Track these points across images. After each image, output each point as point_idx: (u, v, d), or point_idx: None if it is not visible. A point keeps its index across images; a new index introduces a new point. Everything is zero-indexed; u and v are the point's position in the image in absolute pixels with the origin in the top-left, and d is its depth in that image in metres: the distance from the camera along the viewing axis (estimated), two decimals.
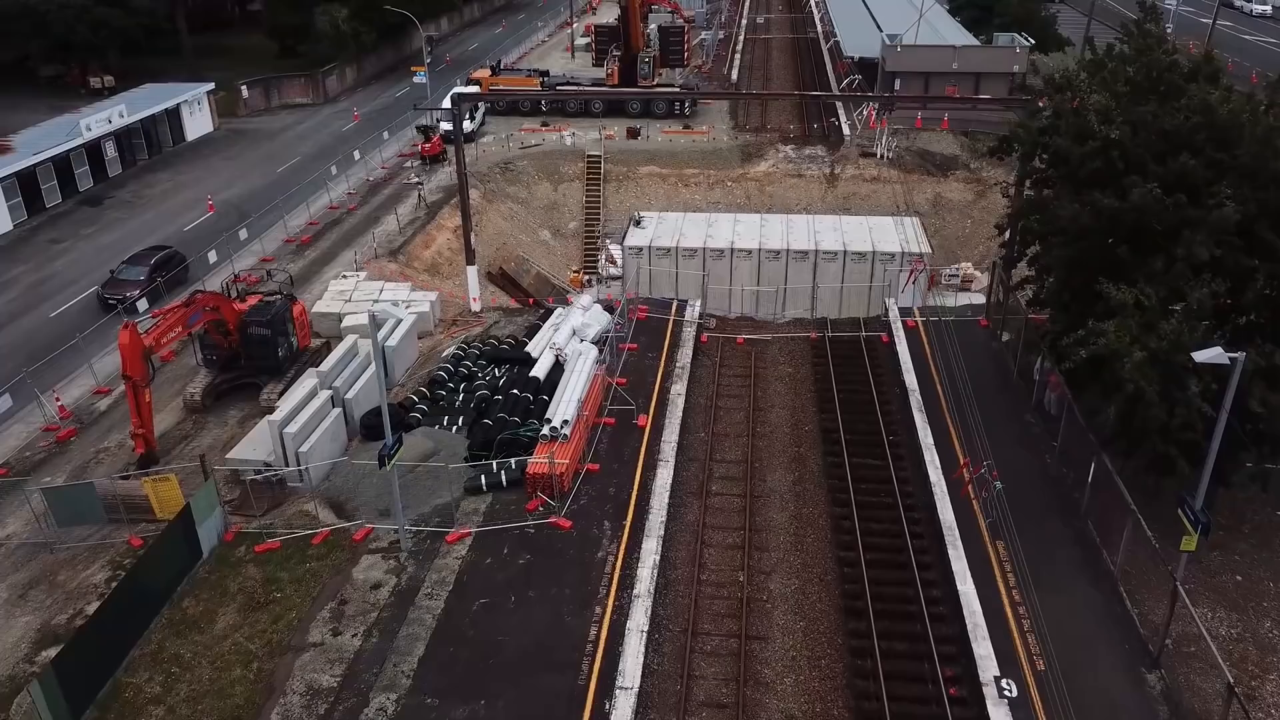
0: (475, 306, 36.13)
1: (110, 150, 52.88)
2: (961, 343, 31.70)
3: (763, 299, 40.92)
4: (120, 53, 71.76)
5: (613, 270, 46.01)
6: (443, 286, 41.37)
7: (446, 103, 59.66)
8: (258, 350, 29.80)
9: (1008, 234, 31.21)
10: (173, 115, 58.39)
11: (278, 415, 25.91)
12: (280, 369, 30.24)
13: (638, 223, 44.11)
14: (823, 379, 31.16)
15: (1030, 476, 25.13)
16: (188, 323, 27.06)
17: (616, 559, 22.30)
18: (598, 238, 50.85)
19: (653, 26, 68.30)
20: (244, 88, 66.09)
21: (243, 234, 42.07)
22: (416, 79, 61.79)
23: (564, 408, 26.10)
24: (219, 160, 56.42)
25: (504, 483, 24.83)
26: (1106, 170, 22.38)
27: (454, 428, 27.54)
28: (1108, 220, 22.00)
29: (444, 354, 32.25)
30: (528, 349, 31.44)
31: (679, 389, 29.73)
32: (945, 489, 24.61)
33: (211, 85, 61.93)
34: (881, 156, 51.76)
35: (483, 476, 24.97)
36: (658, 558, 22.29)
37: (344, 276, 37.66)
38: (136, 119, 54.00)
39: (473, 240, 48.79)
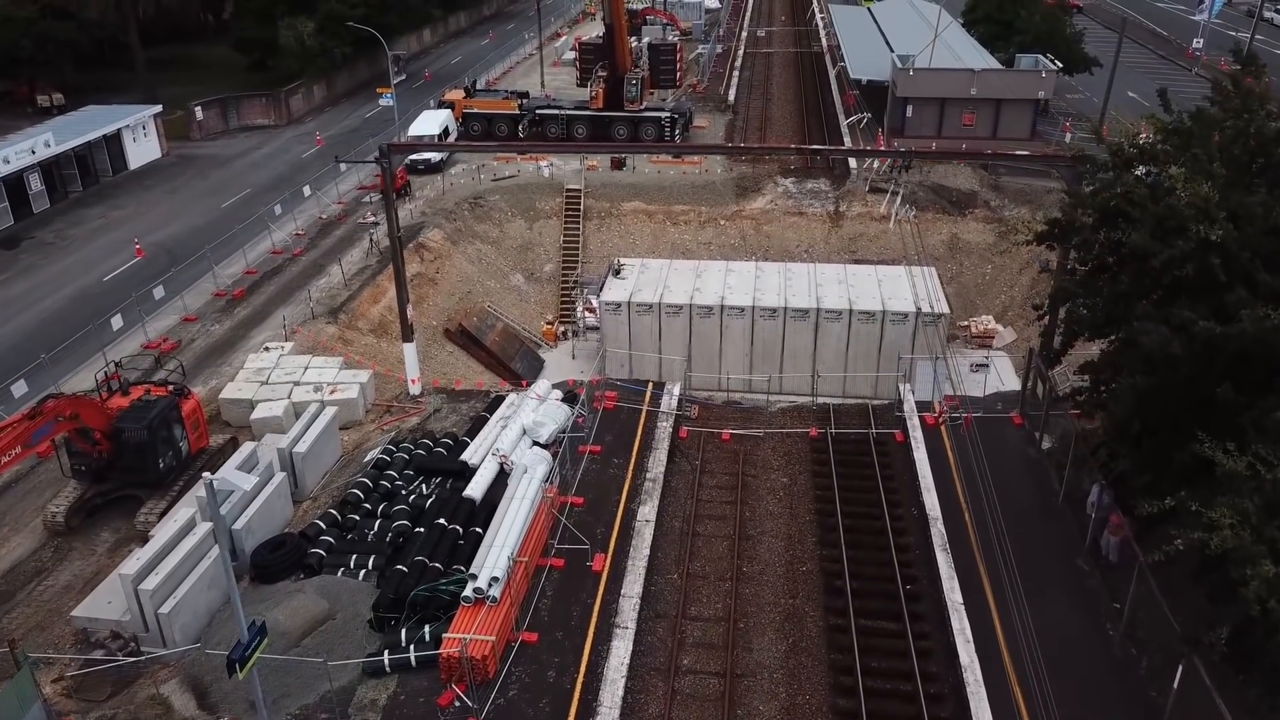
0: (414, 389, 30.71)
1: (35, 183, 47.63)
2: (991, 447, 26.19)
3: (755, 371, 35.63)
4: (75, 67, 66.77)
5: (590, 320, 40.69)
6: (388, 352, 35.98)
7: (424, 127, 55.40)
8: (133, 460, 24.38)
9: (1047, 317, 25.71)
10: (113, 141, 53.00)
11: (132, 566, 20.49)
12: (163, 481, 24.86)
13: (617, 272, 38.73)
14: (824, 496, 25.63)
15: (1088, 656, 19.62)
16: (31, 440, 21.66)
17: None
18: (575, 284, 45.48)
19: (644, 40, 62.99)
20: (198, 109, 60.73)
21: (158, 292, 36.65)
22: (383, 100, 56.50)
23: (495, 557, 20.63)
24: (160, 193, 51.07)
25: (413, 662, 19.39)
26: (1200, 278, 16.89)
27: (363, 571, 22.12)
28: (1203, 346, 16.51)
29: (367, 457, 26.81)
30: (466, 454, 25.95)
31: (648, 512, 24.24)
32: (979, 673, 19.14)
33: (159, 108, 56.60)
34: (893, 217, 45.87)
35: (386, 653, 19.55)
36: None
37: (266, 349, 32.24)
38: (66, 148, 48.72)
39: (431, 292, 43.84)
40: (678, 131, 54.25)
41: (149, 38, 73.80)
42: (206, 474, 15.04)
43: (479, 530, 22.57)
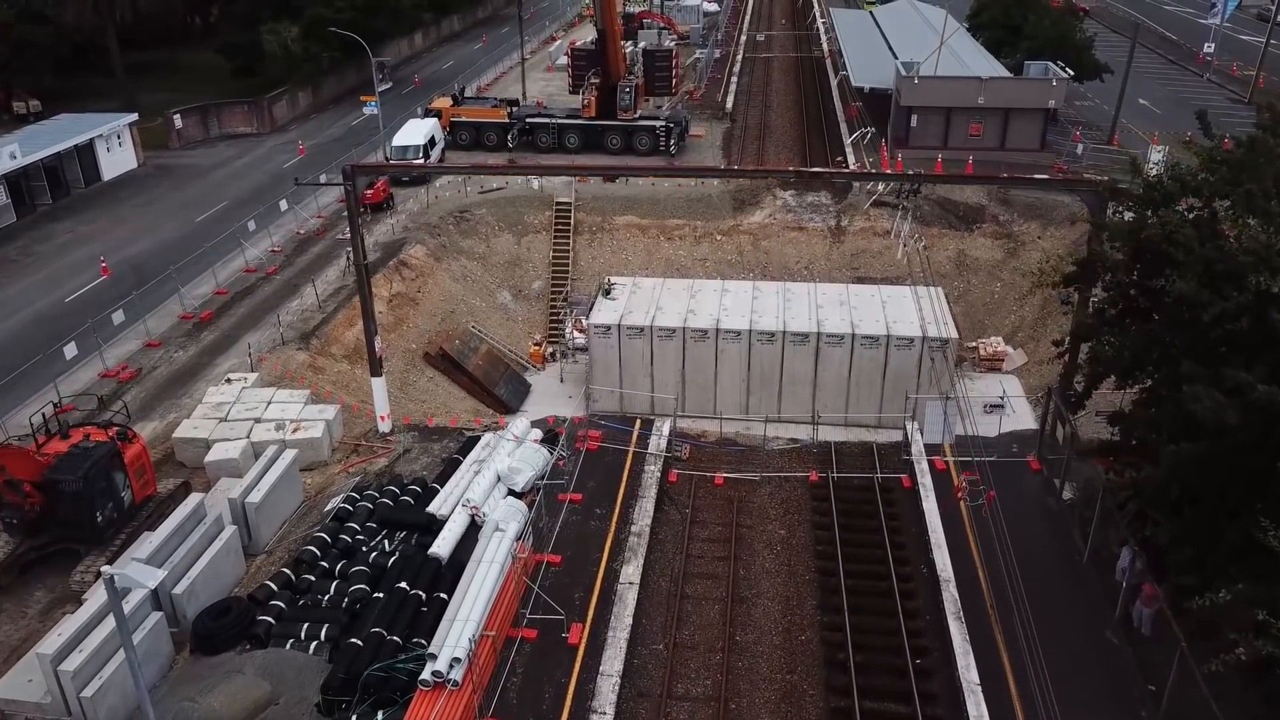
0: (384, 426, 28.60)
1: (1, 196, 45.50)
2: (1008, 496, 24.06)
3: (751, 407, 33.55)
4: (54, 73, 64.68)
5: (580, 340, 38.67)
6: (363, 380, 33.72)
7: (410, 136, 53.16)
8: (69, 513, 22.24)
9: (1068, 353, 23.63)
10: (85, 151, 50.85)
11: (52, 643, 18.37)
12: (102, 536, 22.72)
13: (607, 292, 36.64)
14: (825, 551, 23.46)
15: None
16: None
17: None
18: (564, 303, 43.37)
19: (639, 46, 60.81)
20: (177, 117, 58.61)
21: (118, 317, 34.49)
22: (367, 109, 54.45)
23: (457, 634, 18.49)
24: (133, 206, 48.93)
25: None
26: (1255, 333, 14.75)
27: (314, 642, 19.98)
28: (1260, 413, 14.37)
29: (329, 506, 24.66)
30: (435, 504, 23.76)
31: (631, 572, 22.09)
32: None
33: (134, 117, 54.47)
34: (900, 247, 43.52)
35: None
36: None
37: (228, 380, 30.14)
38: (33, 160, 46.61)
39: (412, 313, 41.74)
40: (673, 141, 52.23)
41: (132, 43, 71.76)
42: (105, 567, 12.94)
43: (444, 596, 20.45)
